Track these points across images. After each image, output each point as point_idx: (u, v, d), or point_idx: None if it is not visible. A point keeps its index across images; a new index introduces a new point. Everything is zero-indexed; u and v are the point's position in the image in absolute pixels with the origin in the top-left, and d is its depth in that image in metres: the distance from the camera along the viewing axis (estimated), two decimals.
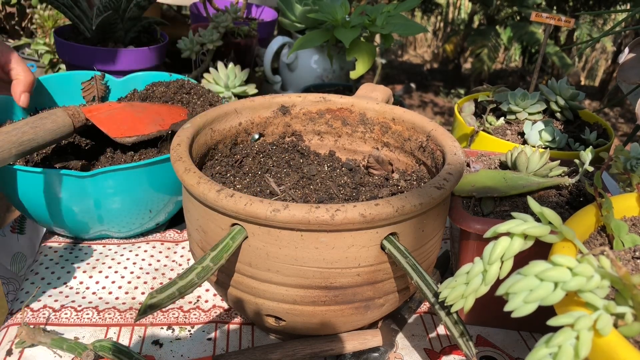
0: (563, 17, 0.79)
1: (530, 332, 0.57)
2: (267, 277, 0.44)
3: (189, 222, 0.49)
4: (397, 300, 0.49)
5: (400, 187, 0.52)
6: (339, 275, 0.43)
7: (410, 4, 0.99)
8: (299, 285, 0.44)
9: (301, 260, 0.42)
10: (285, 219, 0.39)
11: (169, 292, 0.38)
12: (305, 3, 1.07)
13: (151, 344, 0.52)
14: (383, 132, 0.60)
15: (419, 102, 3.50)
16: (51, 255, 0.63)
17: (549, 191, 0.58)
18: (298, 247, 0.41)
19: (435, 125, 0.56)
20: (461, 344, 0.41)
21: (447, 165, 0.48)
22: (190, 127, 0.52)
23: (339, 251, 0.42)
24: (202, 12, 1.25)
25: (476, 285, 0.37)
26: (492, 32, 3.61)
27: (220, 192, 0.41)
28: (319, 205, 0.40)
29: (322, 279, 0.43)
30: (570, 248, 0.35)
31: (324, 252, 0.42)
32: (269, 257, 0.43)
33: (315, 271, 0.43)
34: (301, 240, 0.41)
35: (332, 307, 0.45)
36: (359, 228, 0.41)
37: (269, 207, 0.39)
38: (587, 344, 0.28)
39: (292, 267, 0.43)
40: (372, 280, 0.45)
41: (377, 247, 0.43)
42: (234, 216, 0.41)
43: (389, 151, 0.60)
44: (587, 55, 4.18)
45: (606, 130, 0.77)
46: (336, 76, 1.16)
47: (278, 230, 0.41)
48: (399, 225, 0.43)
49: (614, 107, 3.60)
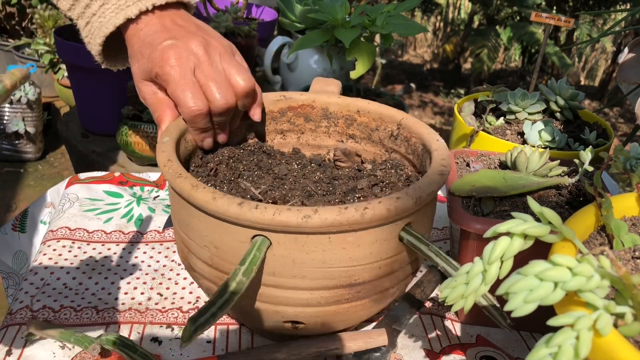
0: (563, 17, 0.79)
1: (530, 332, 0.57)
2: (292, 283, 0.43)
3: (192, 240, 0.46)
4: (405, 288, 0.51)
5: (379, 177, 0.53)
6: (362, 271, 0.44)
7: (410, 4, 0.99)
8: (325, 287, 0.44)
9: (328, 262, 0.42)
10: (316, 224, 0.39)
11: (208, 315, 0.38)
12: (305, 3, 1.07)
13: (150, 340, 0.52)
14: (348, 124, 0.61)
15: (419, 102, 3.50)
16: (50, 255, 0.63)
17: (548, 191, 0.58)
18: (326, 249, 0.42)
19: (405, 114, 0.57)
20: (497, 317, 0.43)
21: (437, 152, 0.50)
22: (169, 140, 0.49)
23: (364, 248, 0.43)
24: (202, 12, 1.25)
25: (476, 285, 0.37)
26: (492, 32, 3.61)
27: (243, 205, 0.40)
28: (347, 206, 0.40)
29: (347, 277, 0.44)
30: (570, 248, 0.35)
31: (350, 251, 0.42)
32: (295, 264, 0.42)
33: (341, 271, 0.43)
34: (329, 242, 0.41)
35: (354, 303, 0.46)
36: (383, 223, 0.42)
37: (299, 214, 0.39)
38: (587, 343, 0.28)
39: (319, 270, 0.43)
40: (390, 271, 0.46)
41: (396, 239, 0.44)
42: (259, 227, 0.41)
43: (354, 143, 0.61)
44: (587, 55, 4.18)
45: (606, 130, 0.77)
46: (336, 76, 1.16)
47: (306, 235, 0.41)
48: (414, 215, 0.44)
49: (613, 107, 3.60)
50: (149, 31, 0.52)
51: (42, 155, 2.16)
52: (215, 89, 0.51)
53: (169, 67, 0.50)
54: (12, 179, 2.04)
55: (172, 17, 0.54)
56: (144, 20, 0.53)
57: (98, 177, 0.78)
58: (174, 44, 0.50)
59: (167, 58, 0.50)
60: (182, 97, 0.50)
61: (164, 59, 0.50)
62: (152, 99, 0.54)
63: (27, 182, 2.05)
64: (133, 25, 0.53)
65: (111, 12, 0.53)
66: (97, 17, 0.54)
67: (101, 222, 0.69)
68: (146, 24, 0.53)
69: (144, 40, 0.52)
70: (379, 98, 1.07)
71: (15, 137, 2.03)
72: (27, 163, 2.13)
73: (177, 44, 0.50)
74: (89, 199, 0.73)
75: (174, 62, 0.50)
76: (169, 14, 0.54)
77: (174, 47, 0.50)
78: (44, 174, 2.09)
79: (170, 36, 0.51)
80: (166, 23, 0.53)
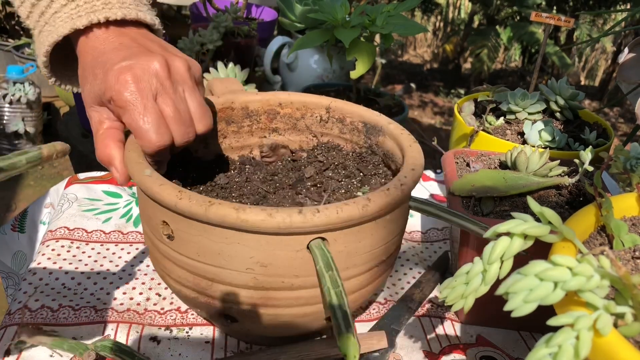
0: (563, 17, 0.79)
1: (530, 332, 0.56)
2: (345, 275, 0.44)
3: (226, 268, 0.42)
4: None
5: (323, 161, 0.57)
6: (392, 245, 0.48)
7: (410, 4, 0.99)
8: (368, 269, 0.47)
9: (375, 244, 0.45)
10: (373, 210, 0.42)
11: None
12: (305, 3, 1.07)
13: (149, 340, 0.52)
14: (271, 119, 0.61)
15: (418, 102, 3.50)
16: (49, 255, 0.63)
17: (548, 191, 0.58)
18: (373, 233, 0.44)
19: (332, 99, 0.59)
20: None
21: (391, 125, 0.55)
22: (152, 171, 0.44)
23: (395, 223, 0.47)
24: (202, 12, 1.25)
25: (476, 285, 0.37)
26: (492, 32, 3.61)
27: (304, 212, 0.39)
28: (388, 187, 0.43)
29: (385, 254, 0.47)
30: (570, 248, 0.35)
31: (388, 228, 0.46)
32: (349, 256, 0.44)
33: (382, 249, 0.46)
34: (375, 225, 0.44)
35: (381, 277, 0.50)
36: (408, 195, 0.47)
37: (359, 204, 0.41)
38: (587, 343, 0.28)
39: (367, 255, 0.45)
40: (399, 240, 0.51)
41: (408, 207, 0.49)
42: (320, 230, 0.41)
43: (277, 135, 0.62)
44: (587, 55, 4.18)
45: (606, 130, 0.77)
46: (336, 76, 1.16)
47: (360, 226, 0.43)
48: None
49: (613, 107, 3.60)
50: (104, 49, 0.46)
51: None
52: (180, 124, 0.45)
53: (127, 93, 0.43)
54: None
55: (132, 35, 0.48)
56: (98, 36, 0.47)
57: (97, 177, 0.78)
58: (132, 64, 0.44)
59: (125, 81, 0.43)
60: (145, 129, 0.44)
61: (120, 81, 0.43)
62: (100, 132, 0.48)
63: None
64: (83, 38, 0.47)
65: (62, 20, 0.47)
66: (48, 25, 0.48)
67: (100, 222, 0.69)
68: (101, 41, 0.47)
69: (97, 59, 0.46)
70: (379, 98, 1.07)
71: (14, 137, 2.03)
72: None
73: (136, 64, 0.44)
74: (88, 199, 0.73)
75: (132, 87, 0.43)
76: (128, 31, 0.48)
77: (133, 69, 0.44)
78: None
79: (127, 55, 0.45)
80: (124, 41, 0.47)
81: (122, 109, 0.44)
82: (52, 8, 0.47)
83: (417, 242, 0.71)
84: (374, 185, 0.54)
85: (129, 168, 0.45)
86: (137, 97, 0.43)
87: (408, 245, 0.70)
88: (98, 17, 0.46)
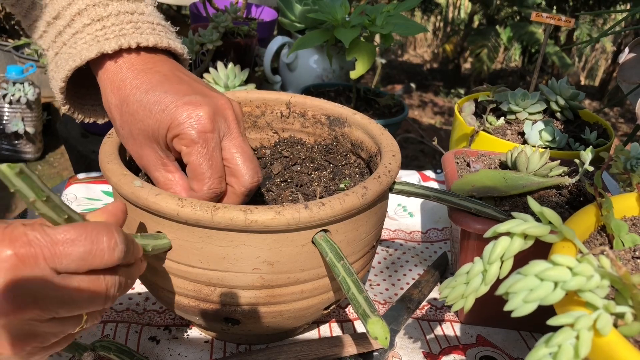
0: (563, 17, 0.79)
1: (530, 332, 0.56)
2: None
3: (232, 271, 0.42)
4: None
5: (289, 156, 0.57)
6: (379, 230, 0.51)
7: (410, 4, 0.99)
8: (364, 255, 0.49)
9: (369, 230, 0.47)
10: (371, 198, 0.43)
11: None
12: (305, 3, 1.07)
13: (148, 339, 0.52)
14: None
15: (418, 102, 3.50)
16: None
17: (549, 191, 0.58)
18: (368, 220, 0.46)
19: (291, 94, 0.60)
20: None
21: (356, 115, 0.57)
22: (140, 182, 0.42)
23: (383, 209, 0.50)
24: (202, 12, 1.25)
25: (476, 285, 0.37)
26: (492, 32, 3.61)
27: (310, 207, 0.40)
28: (379, 175, 0.45)
29: (375, 239, 0.50)
30: (570, 248, 0.35)
31: (379, 214, 0.48)
32: (348, 244, 0.45)
33: (374, 234, 0.49)
34: (370, 213, 0.46)
35: (372, 260, 0.52)
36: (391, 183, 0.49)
37: (358, 193, 0.42)
38: (587, 343, 0.28)
39: (363, 241, 0.47)
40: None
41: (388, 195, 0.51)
42: (325, 222, 0.41)
43: None
44: (587, 55, 4.18)
45: (606, 130, 0.77)
46: (336, 76, 1.16)
47: (358, 216, 0.44)
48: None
49: (614, 107, 3.60)
50: (146, 79, 0.41)
51: (42, 156, 2.16)
52: (254, 165, 0.43)
53: (203, 132, 0.40)
54: None
55: (169, 66, 0.44)
56: (129, 62, 0.42)
57: (97, 177, 0.78)
58: (204, 101, 0.40)
59: (200, 118, 0.40)
60: (207, 175, 0.41)
61: (193, 117, 0.40)
62: (163, 178, 0.43)
63: None
64: (110, 64, 0.42)
65: (85, 42, 0.42)
66: (67, 47, 0.43)
67: None
68: (136, 70, 0.42)
69: (147, 93, 0.41)
70: (379, 98, 1.07)
71: (14, 137, 2.02)
72: (27, 163, 2.13)
73: (207, 102, 0.41)
74: (87, 199, 0.73)
75: (208, 125, 0.40)
76: (164, 61, 0.44)
77: (206, 106, 0.40)
78: (44, 174, 2.09)
79: (190, 90, 0.41)
80: (165, 71, 0.42)
81: (192, 145, 0.40)
82: (72, 28, 0.43)
83: (417, 242, 0.71)
84: (350, 175, 0.54)
85: (112, 181, 0.42)
86: (212, 137, 0.41)
87: (408, 245, 0.70)
88: (129, 42, 0.42)
